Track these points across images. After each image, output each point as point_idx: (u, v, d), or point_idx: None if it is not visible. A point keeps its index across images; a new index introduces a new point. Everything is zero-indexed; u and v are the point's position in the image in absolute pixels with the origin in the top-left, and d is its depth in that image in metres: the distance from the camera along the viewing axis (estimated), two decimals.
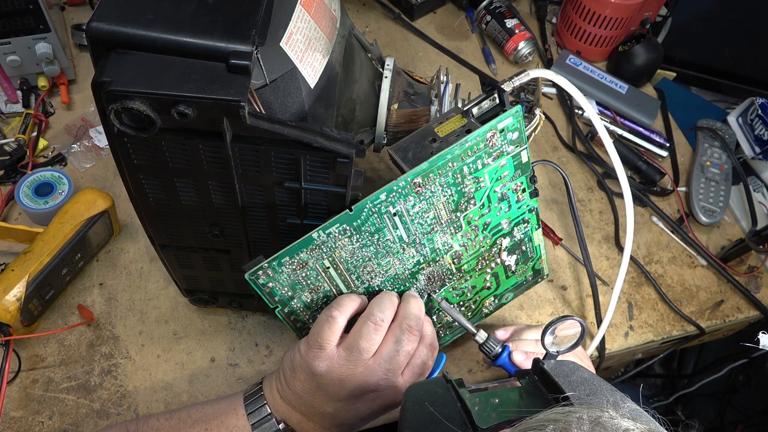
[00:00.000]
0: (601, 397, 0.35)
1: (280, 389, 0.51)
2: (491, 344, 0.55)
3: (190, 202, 0.48)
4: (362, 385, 0.48)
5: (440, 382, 0.40)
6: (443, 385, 0.39)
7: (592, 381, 0.37)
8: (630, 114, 0.92)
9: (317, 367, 0.48)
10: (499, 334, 0.62)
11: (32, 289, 0.60)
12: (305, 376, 0.49)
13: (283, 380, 0.51)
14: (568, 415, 0.28)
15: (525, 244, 0.60)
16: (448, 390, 0.39)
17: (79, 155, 0.76)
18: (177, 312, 0.67)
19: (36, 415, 0.59)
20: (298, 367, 0.49)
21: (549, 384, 0.37)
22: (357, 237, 0.49)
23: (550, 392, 0.36)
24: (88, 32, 0.38)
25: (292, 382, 0.50)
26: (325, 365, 0.48)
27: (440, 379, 0.40)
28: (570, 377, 0.37)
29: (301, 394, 0.49)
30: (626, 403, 0.34)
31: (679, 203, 0.85)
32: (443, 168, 0.49)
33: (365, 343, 0.48)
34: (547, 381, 0.37)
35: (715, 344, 0.86)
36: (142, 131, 0.39)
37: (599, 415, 0.28)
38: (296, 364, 0.50)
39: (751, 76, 1.07)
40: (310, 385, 0.49)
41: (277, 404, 0.51)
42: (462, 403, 0.36)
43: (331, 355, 0.48)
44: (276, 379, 0.52)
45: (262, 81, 0.44)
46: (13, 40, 0.72)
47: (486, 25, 0.98)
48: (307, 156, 0.43)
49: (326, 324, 0.48)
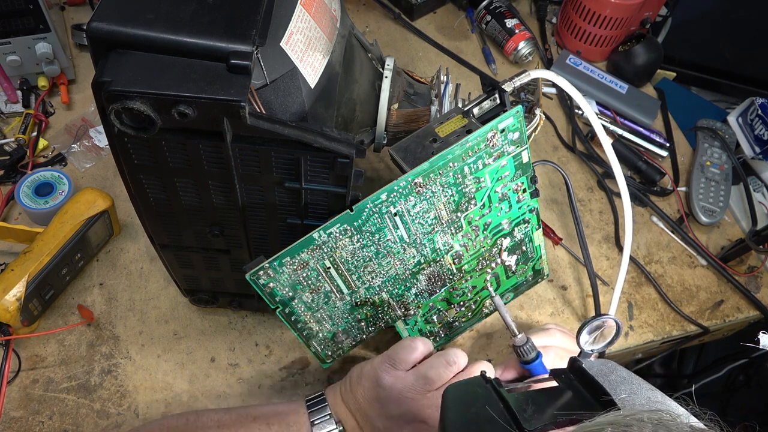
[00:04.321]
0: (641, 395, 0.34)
1: (343, 392, 0.54)
2: (527, 348, 0.55)
3: (190, 202, 0.48)
4: (415, 412, 0.50)
5: (479, 382, 0.39)
6: (482, 385, 0.38)
7: (631, 380, 0.36)
8: (630, 114, 0.92)
9: (383, 379, 0.51)
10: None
11: (32, 289, 0.60)
12: (370, 384, 0.52)
13: (348, 385, 0.53)
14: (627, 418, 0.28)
15: (525, 245, 0.60)
16: (488, 390, 0.38)
17: (79, 155, 0.76)
18: (177, 312, 0.67)
19: (36, 415, 0.59)
20: (366, 374, 0.52)
21: (588, 383, 0.36)
22: (358, 237, 0.49)
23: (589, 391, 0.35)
24: (88, 32, 0.38)
25: (356, 387, 0.52)
26: (391, 380, 0.51)
27: (479, 378, 0.40)
28: (609, 376, 0.36)
29: (360, 400, 0.52)
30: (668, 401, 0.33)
31: (679, 203, 0.85)
32: (444, 168, 0.49)
33: (434, 374, 0.51)
34: (586, 380, 0.36)
35: (715, 344, 0.86)
36: (142, 131, 0.39)
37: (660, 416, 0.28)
38: (365, 372, 0.53)
39: (751, 76, 1.07)
40: (371, 394, 0.51)
41: (337, 406, 0.54)
42: (505, 403, 0.35)
43: (400, 374, 0.51)
44: (341, 384, 0.55)
45: (262, 81, 0.44)
46: (13, 40, 0.72)
47: (486, 25, 0.98)
48: (308, 156, 0.43)
49: (407, 348, 0.52)
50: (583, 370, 0.37)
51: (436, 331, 0.62)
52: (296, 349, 0.66)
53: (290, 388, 0.64)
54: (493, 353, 0.68)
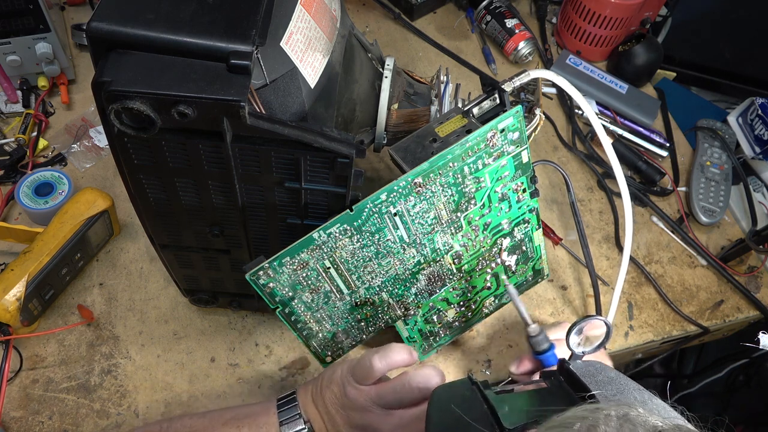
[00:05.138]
0: (628, 395, 0.34)
1: (314, 392, 0.54)
2: (540, 339, 0.54)
3: (190, 202, 0.48)
4: (376, 426, 0.50)
5: (466, 384, 0.40)
6: (469, 387, 0.39)
7: (619, 380, 0.36)
8: (630, 114, 0.92)
9: (348, 392, 0.51)
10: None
11: (32, 288, 0.60)
12: (338, 390, 0.52)
13: (319, 387, 0.54)
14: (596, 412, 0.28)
15: (525, 244, 0.60)
16: (473, 391, 0.38)
17: (79, 155, 0.76)
18: (177, 312, 0.67)
19: (36, 415, 0.59)
20: (335, 381, 0.53)
21: (575, 384, 0.36)
22: (358, 237, 0.49)
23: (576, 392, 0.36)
24: (88, 32, 0.38)
25: (326, 391, 0.53)
26: (355, 394, 0.51)
27: (465, 380, 0.40)
28: (596, 377, 0.36)
29: (328, 405, 0.52)
30: (654, 400, 0.33)
31: (679, 203, 0.85)
32: (444, 168, 0.49)
33: (392, 399, 0.51)
34: (574, 381, 0.37)
35: (715, 344, 0.86)
36: (142, 131, 0.39)
37: (627, 411, 0.28)
38: (335, 378, 0.53)
39: (751, 76, 1.07)
40: (337, 401, 0.52)
41: (308, 405, 0.54)
42: (488, 404, 0.36)
43: (364, 388, 0.51)
44: (313, 384, 0.55)
45: (262, 81, 0.44)
46: (13, 40, 0.72)
47: (486, 25, 0.98)
48: (308, 156, 0.43)
49: (373, 363, 0.51)
50: (570, 371, 0.38)
51: (436, 331, 0.62)
52: (296, 349, 0.66)
53: (290, 388, 0.64)
54: (493, 353, 0.68)
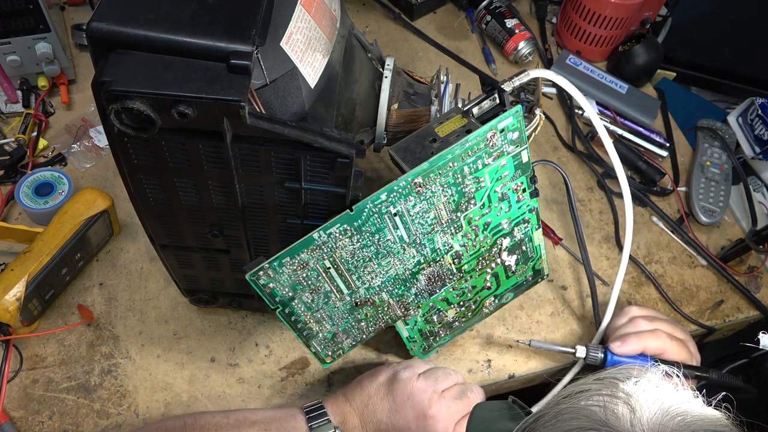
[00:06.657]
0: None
1: (349, 393, 0.56)
2: (593, 353, 0.55)
3: (190, 202, 0.48)
4: (422, 409, 0.54)
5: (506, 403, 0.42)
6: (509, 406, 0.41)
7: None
8: (630, 114, 0.92)
9: (401, 374, 0.55)
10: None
11: (32, 288, 0.60)
12: (385, 378, 0.56)
13: (357, 385, 0.57)
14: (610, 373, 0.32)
15: (525, 244, 0.60)
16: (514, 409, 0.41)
17: (79, 155, 0.76)
18: (177, 312, 0.67)
19: (36, 415, 0.59)
20: (382, 372, 0.56)
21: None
22: (358, 237, 0.49)
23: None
24: (88, 32, 0.38)
25: (367, 382, 0.56)
26: (408, 375, 0.55)
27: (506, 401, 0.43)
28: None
29: (372, 394, 0.55)
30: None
31: (679, 203, 0.85)
32: (444, 168, 0.49)
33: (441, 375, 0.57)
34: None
35: (715, 344, 0.86)
36: (142, 131, 0.39)
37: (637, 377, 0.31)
38: (380, 370, 0.57)
39: (751, 76, 1.06)
40: (384, 390, 0.55)
41: (337, 407, 0.56)
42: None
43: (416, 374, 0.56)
44: (342, 389, 0.58)
45: (262, 81, 0.44)
46: (13, 40, 0.72)
47: (486, 25, 0.98)
48: (308, 156, 0.43)
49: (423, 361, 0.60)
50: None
51: (436, 331, 0.62)
52: (296, 349, 0.66)
53: (290, 388, 0.64)
54: (494, 353, 0.68)
